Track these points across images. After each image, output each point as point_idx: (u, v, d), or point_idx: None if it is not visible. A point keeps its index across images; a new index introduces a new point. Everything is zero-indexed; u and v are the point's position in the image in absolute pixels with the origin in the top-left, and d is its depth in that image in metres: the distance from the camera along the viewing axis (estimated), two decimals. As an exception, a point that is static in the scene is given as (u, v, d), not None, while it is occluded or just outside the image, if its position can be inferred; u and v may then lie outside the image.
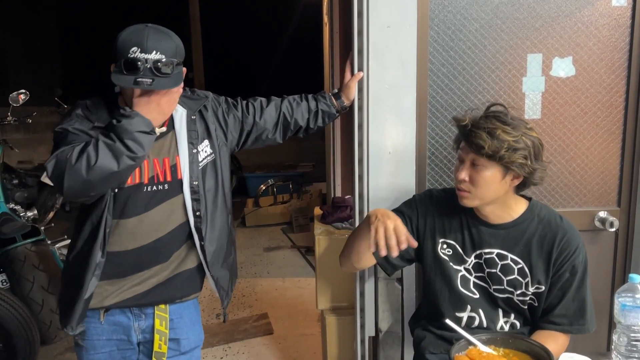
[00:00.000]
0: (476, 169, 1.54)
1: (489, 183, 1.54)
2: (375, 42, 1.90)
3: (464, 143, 1.57)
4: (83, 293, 1.62)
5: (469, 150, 1.55)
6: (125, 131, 1.47)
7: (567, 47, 1.97)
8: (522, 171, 1.52)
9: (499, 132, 1.49)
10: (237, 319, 3.82)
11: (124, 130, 1.48)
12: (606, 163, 2.06)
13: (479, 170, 1.54)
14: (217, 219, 1.74)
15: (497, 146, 1.49)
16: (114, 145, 1.47)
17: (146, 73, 1.50)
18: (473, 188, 1.56)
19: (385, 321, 2.09)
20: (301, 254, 5.21)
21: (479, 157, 1.53)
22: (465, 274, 1.69)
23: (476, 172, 1.54)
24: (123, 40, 1.52)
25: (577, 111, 2.02)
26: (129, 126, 1.48)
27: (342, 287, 2.54)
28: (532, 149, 1.52)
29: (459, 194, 1.60)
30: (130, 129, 1.48)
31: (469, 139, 1.53)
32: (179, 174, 1.67)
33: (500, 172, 1.53)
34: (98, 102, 1.65)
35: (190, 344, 1.81)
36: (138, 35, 1.52)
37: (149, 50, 1.51)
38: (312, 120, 1.91)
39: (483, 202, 1.59)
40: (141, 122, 1.50)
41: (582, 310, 1.62)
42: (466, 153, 1.56)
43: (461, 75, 1.98)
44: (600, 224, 2.06)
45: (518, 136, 1.50)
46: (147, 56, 1.50)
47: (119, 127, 1.48)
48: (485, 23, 1.95)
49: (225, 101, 1.83)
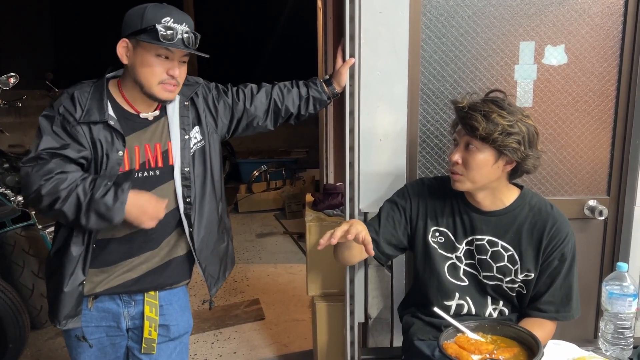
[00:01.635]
0: (469, 152, 1.55)
1: (481, 166, 1.55)
2: (367, 28, 1.89)
3: (459, 126, 1.58)
4: (64, 286, 1.61)
5: (463, 133, 1.56)
6: (100, 207, 1.48)
7: (559, 35, 1.97)
8: (515, 156, 1.53)
9: (494, 116, 1.50)
10: (228, 305, 3.83)
11: (100, 205, 1.48)
12: (597, 152, 2.06)
13: (472, 153, 1.54)
14: (206, 206, 1.73)
15: (491, 129, 1.49)
16: (82, 205, 1.48)
17: (179, 43, 1.54)
18: (465, 171, 1.57)
19: (374, 308, 2.11)
20: (293, 240, 5.22)
21: (472, 139, 1.53)
22: (456, 261, 1.69)
23: (469, 154, 1.55)
24: (151, 10, 1.55)
25: (569, 99, 2.01)
26: (106, 209, 1.48)
27: (333, 274, 2.55)
28: (526, 135, 1.52)
29: (452, 177, 1.61)
30: (104, 211, 1.48)
31: (465, 120, 1.54)
32: (170, 159, 1.66)
33: (493, 155, 1.54)
34: (86, 90, 1.61)
35: (179, 330, 1.82)
36: (166, 8, 1.56)
37: (180, 21, 1.56)
38: (303, 106, 1.90)
39: (475, 186, 1.59)
40: (116, 214, 1.49)
41: (568, 297, 1.64)
42: (461, 135, 1.58)
43: (453, 62, 1.97)
44: (590, 213, 2.07)
45: (513, 121, 1.51)
46: (180, 27, 1.55)
47: (99, 199, 1.47)
48: (478, 10, 1.94)
49: (215, 87, 1.81)
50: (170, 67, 1.57)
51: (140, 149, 1.63)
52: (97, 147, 1.57)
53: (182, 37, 1.54)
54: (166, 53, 1.56)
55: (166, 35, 1.52)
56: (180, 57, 1.59)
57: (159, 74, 1.56)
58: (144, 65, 1.56)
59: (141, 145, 1.63)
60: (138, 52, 1.56)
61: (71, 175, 1.51)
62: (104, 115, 1.57)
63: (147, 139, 1.64)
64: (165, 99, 1.62)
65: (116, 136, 1.58)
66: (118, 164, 1.58)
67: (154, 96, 1.59)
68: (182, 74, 1.61)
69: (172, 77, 1.57)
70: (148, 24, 1.52)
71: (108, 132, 1.58)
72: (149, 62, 1.56)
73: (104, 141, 1.57)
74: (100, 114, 1.57)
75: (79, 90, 1.60)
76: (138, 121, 1.64)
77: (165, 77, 1.57)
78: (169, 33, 1.52)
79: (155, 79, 1.57)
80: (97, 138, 1.57)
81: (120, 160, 1.59)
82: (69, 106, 1.57)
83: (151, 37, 1.52)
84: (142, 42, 1.54)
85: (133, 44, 1.57)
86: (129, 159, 1.61)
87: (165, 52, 1.56)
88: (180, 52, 1.58)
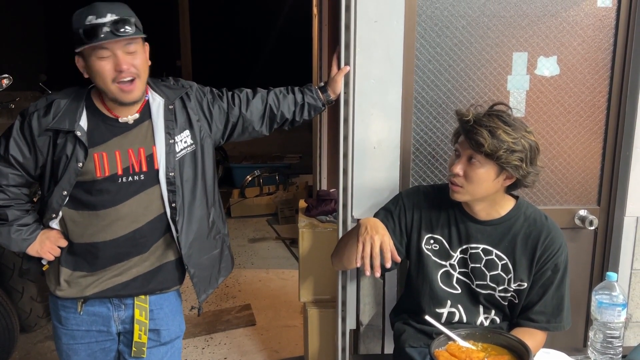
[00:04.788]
0: (472, 165, 1.56)
1: (482, 180, 1.56)
2: (363, 36, 1.90)
3: (463, 138, 1.59)
4: None
5: (467, 146, 1.56)
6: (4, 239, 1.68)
7: (552, 46, 1.99)
8: (516, 173, 1.55)
9: (499, 132, 1.51)
10: (219, 310, 3.81)
11: (0, 236, 1.67)
12: (587, 162, 2.08)
13: (474, 167, 1.55)
14: (195, 211, 1.72)
15: (496, 146, 1.50)
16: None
17: (108, 36, 1.50)
18: (466, 183, 1.58)
19: (366, 314, 2.11)
20: (286, 246, 5.21)
21: (476, 154, 1.54)
22: (449, 269, 1.70)
23: (471, 168, 1.56)
24: (76, 17, 1.52)
25: (561, 110, 2.03)
26: (5, 239, 1.67)
27: (325, 280, 2.55)
28: (528, 152, 1.54)
29: (451, 187, 1.62)
30: (2, 240, 1.68)
31: (470, 135, 1.54)
32: (155, 164, 1.65)
33: (494, 171, 1.55)
34: (68, 97, 1.64)
35: (170, 334, 1.81)
36: (89, 8, 1.52)
37: (104, 14, 1.50)
38: (298, 113, 1.91)
39: (473, 198, 1.61)
40: (16, 244, 1.68)
41: (560, 308, 1.65)
42: (464, 148, 1.58)
43: (447, 72, 1.99)
44: (580, 222, 2.08)
45: (517, 138, 1.52)
46: (104, 20, 1.49)
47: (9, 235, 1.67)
48: (472, 20, 1.96)
49: (210, 92, 1.81)
50: (116, 64, 1.53)
51: (122, 153, 1.62)
52: (58, 154, 1.60)
53: (110, 29, 1.49)
54: (106, 53, 1.52)
55: (91, 34, 1.48)
56: (123, 49, 1.53)
57: (108, 74, 1.53)
58: (95, 72, 1.55)
59: (123, 150, 1.63)
60: (88, 62, 1.56)
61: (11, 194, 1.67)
62: (73, 125, 1.59)
63: (128, 143, 1.64)
64: (127, 100, 1.58)
65: (80, 147, 1.59)
66: (76, 174, 1.59)
67: (117, 99, 1.58)
68: (135, 63, 1.55)
69: (122, 72, 1.53)
70: (76, 31, 1.51)
71: (73, 141, 1.59)
72: (96, 66, 1.54)
73: (68, 150, 1.59)
74: (71, 123, 1.59)
75: (60, 98, 1.62)
76: (118, 125, 1.64)
77: (114, 74, 1.53)
78: (93, 31, 1.48)
79: (107, 79, 1.54)
80: (61, 145, 1.59)
81: (79, 171, 1.59)
82: (41, 111, 1.60)
83: (82, 43, 1.51)
84: (81, 51, 1.54)
85: (82, 57, 1.57)
86: (109, 164, 1.61)
87: (104, 52, 1.52)
88: (117, 44, 1.52)
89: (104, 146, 1.62)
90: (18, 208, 1.68)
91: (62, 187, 1.61)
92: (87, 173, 1.61)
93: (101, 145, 1.62)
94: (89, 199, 1.63)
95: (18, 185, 1.67)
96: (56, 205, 1.63)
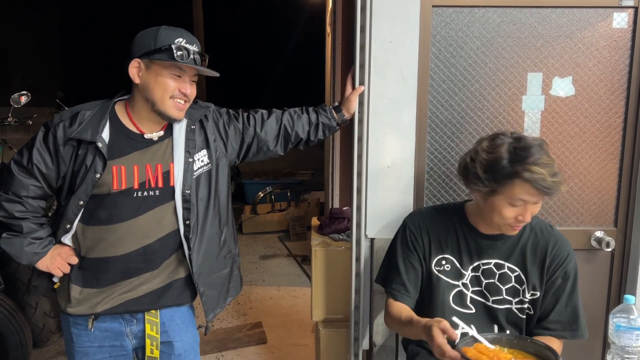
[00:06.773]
0: (535, 206, 1.55)
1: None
2: (377, 56, 1.92)
3: (532, 189, 1.49)
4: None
5: (536, 194, 1.51)
6: (13, 250, 1.70)
7: (567, 67, 1.99)
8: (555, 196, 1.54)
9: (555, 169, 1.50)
10: (230, 327, 3.80)
11: (13, 247, 1.69)
12: (604, 183, 2.06)
13: (538, 206, 1.55)
14: (207, 230, 1.73)
15: (558, 186, 1.50)
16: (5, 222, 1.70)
17: (190, 62, 1.62)
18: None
19: (379, 335, 2.09)
20: (297, 263, 5.20)
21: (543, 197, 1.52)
22: (462, 289, 1.69)
23: (535, 208, 1.55)
24: (164, 33, 1.62)
25: (576, 130, 2.03)
26: (17, 251, 1.70)
27: (338, 300, 2.53)
28: None
29: (513, 229, 1.59)
30: (14, 252, 1.70)
31: (549, 192, 1.50)
32: (171, 180, 1.68)
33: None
34: (92, 108, 1.68)
35: (184, 346, 1.79)
36: (176, 31, 1.64)
37: (192, 42, 1.64)
38: (313, 132, 1.92)
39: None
40: (26, 257, 1.70)
41: (575, 316, 1.66)
42: (532, 196, 1.52)
43: (461, 91, 1.99)
44: (597, 244, 2.06)
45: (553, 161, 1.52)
46: (192, 47, 1.63)
47: (15, 241, 1.69)
48: (486, 41, 1.97)
49: (226, 112, 1.84)
50: (182, 86, 1.64)
51: (139, 168, 1.66)
52: (79, 165, 1.64)
53: (194, 57, 1.62)
54: (179, 72, 1.63)
55: (180, 55, 1.59)
56: (191, 76, 1.66)
57: (172, 90, 1.63)
58: (157, 83, 1.62)
59: (141, 165, 1.66)
60: (152, 71, 1.62)
61: (29, 206, 1.70)
62: (95, 136, 1.62)
63: (147, 159, 1.67)
64: (176, 117, 1.66)
65: (99, 158, 1.63)
66: (93, 185, 1.63)
67: (165, 113, 1.64)
68: (193, 92, 1.69)
69: (184, 95, 1.64)
70: (162, 44, 1.60)
71: (93, 152, 1.63)
72: (163, 79, 1.62)
73: (88, 160, 1.63)
74: (93, 134, 1.63)
75: (85, 109, 1.67)
76: (141, 141, 1.68)
77: (177, 92, 1.64)
78: (183, 53, 1.60)
79: (167, 94, 1.63)
80: (82, 156, 1.63)
81: (96, 182, 1.63)
82: (67, 121, 1.64)
83: (166, 56, 1.59)
84: (157, 61, 1.61)
85: (146, 64, 1.63)
86: (126, 178, 1.64)
87: (178, 71, 1.63)
88: (192, 71, 1.65)
89: (124, 159, 1.65)
90: (34, 221, 1.70)
91: (78, 196, 1.63)
92: (103, 185, 1.63)
93: (121, 159, 1.65)
94: (103, 212, 1.65)
95: (37, 198, 1.70)
96: (72, 215, 1.65)
